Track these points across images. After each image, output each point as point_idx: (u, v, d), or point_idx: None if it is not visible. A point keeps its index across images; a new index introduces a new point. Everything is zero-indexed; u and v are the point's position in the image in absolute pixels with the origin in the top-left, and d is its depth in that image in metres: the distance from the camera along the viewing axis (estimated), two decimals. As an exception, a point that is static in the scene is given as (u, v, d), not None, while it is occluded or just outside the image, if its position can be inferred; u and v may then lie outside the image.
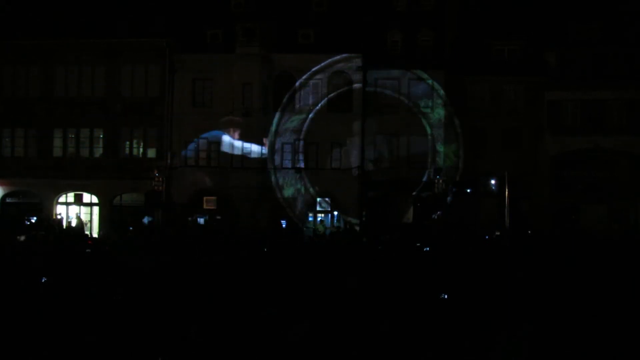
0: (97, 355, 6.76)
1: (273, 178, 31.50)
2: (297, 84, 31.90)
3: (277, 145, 32.04)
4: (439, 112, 31.54)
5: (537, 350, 6.80)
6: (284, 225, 30.72)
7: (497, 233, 28.34)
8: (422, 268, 12.22)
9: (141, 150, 32.85)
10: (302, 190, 31.45)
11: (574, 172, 31.55)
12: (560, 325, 7.48)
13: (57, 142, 32.82)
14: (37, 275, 9.96)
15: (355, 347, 6.96)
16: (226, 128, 31.78)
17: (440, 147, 31.59)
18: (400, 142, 31.83)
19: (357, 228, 29.75)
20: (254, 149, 31.66)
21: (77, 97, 32.52)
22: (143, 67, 32.36)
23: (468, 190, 31.44)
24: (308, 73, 31.71)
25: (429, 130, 31.67)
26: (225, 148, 31.41)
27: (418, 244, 18.71)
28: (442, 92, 31.46)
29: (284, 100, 31.98)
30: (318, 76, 31.73)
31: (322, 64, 31.49)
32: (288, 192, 31.49)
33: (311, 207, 32.00)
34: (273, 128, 31.60)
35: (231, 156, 31.67)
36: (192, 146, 32.23)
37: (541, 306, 8.36)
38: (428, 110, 31.63)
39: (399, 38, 32.06)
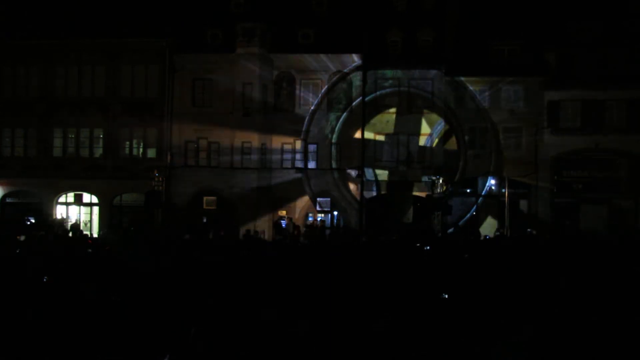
0: (96, 355, 6.76)
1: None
2: (297, 83, 31.96)
3: (278, 145, 32.12)
4: (439, 112, 31.55)
5: (538, 350, 6.81)
6: (283, 225, 30.72)
7: (497, 233, 28.40)
8: (422, 268, 12.21)
9: (141, 150, 32.89)
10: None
11: (574, 172, 31.54)
12: (561, 325, 7.49)
13: (57, 142, 32.88)
14: (38, 275, 9.96)
15: (354, 347, 6.96)
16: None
17: (440, 147, 31.61)
18: (400, 142, 31.84)
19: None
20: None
21: (77, 97, 32.56)
22: (143, 67, 32.38)
23: (468, 190, 31.49)
24: (308, 73, 31.76)
25: (428, 130, 31.71)
26: None
27: (418, 244, 18.69)
28: (441, 92, 31.48)
29: (284, 100, 32.11)
30: (318, 76, 31.76)
31: (322, 64, 31.53)
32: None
33: (311, 207, 32.03)
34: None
35: (231, 156, 31.72)
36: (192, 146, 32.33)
37: (541, 306, 8.36)
38: (428, 110, 31.66)
39: (399, 38, 32.06)
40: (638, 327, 7.35)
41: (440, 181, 29.08)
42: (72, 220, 32.49)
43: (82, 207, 33.22)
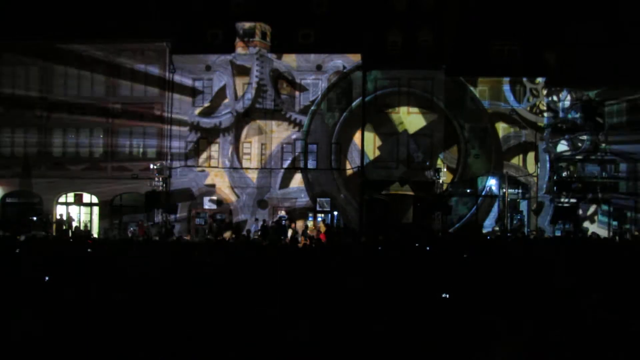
0: (98, 355, 6.76)
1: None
2: (297, 84, 31.97)
3: (278, 146, 32.12)
4: (439, 112, 31.53)
5: (538, 350, 6.81)
6: (283, 224, 30.67)
7: (497, 233, 28.41)
8: (422, 267, 12.22)
9: (141, 150, 32.89)
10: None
11: (573, 172, 31.54)
12: (561, 325, 7.49)
13: (57, 142, 32.88)
14: (40, 274, 9.97)
15: (355, 347, 6.96)
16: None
17: (440, 147, 31.59)
18: (400, 142, 31.83)
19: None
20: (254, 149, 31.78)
21: (77, 97, 32.55)
22: (143, 67, 32.39)
23: (468, 190, 31.47)
24: (308, 73, 31.76)
25: (428, 130, 31.68)
26: None
27: (417, 244, 18.70)
28: (441, 92, 31.47)
29: (284, 100, 32.10)
30: (318, 76, 31.76)
31: (322, 64, 31.53)
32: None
33: (311, 207, 32.02)
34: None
35: (231, 156, 31.74)
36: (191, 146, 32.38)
37: (542, 306, 8.37)
38: (428, 110, 31.65)
39: (399, 38, 32.06)
40: (637, 327, 7.35)
41: (440, 181, 29.07)
42: (74, 220, 32.53)
43: (82, 207, 33.22)
